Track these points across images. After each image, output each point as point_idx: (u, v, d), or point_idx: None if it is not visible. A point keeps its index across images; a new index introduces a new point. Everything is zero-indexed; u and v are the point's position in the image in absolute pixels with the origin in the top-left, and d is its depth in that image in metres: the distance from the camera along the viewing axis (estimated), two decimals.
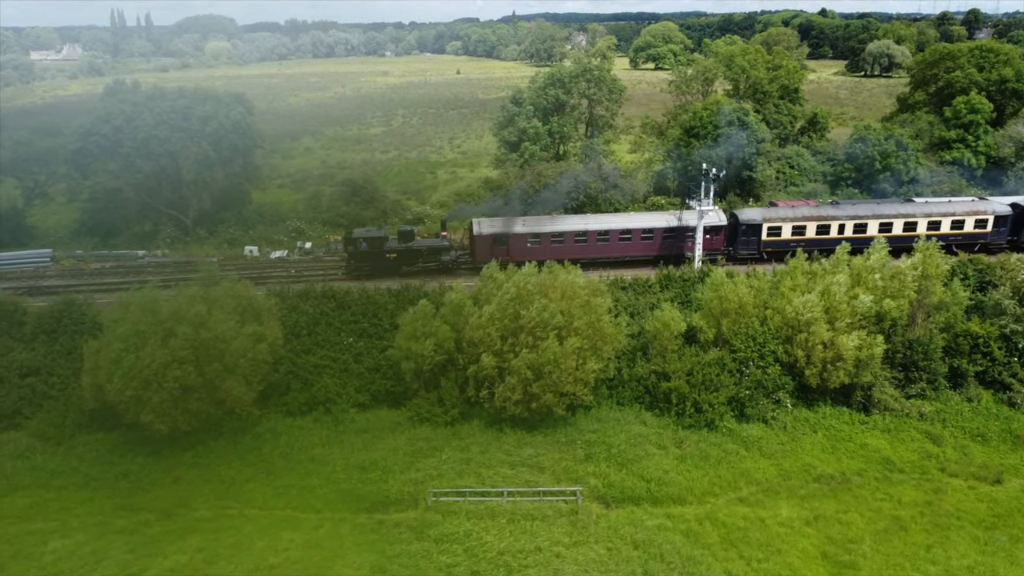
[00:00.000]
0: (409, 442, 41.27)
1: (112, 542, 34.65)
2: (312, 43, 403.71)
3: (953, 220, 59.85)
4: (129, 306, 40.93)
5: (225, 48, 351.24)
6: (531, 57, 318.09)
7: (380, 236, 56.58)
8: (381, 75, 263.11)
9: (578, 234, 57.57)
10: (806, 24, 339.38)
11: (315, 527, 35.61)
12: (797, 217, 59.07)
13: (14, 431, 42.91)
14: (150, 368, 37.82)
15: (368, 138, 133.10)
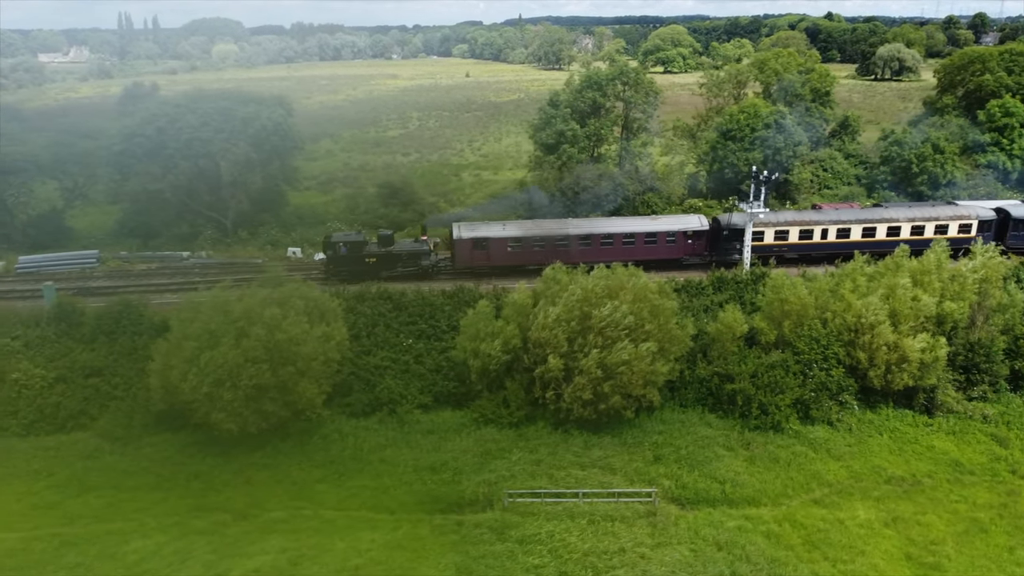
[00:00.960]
0: (477, 443, 41.30)
1: (193, 542, 34.67)
2: (319, 46, 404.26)
3: (937, 225, 59.35)
4: (199, 306, 40.97)
5: (232, 51, 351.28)
6: (539, 60, 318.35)
7: (359, 240, 56.10)
8: (390, 78, 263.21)
9: (559, 239, 56.85)
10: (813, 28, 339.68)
11: (393, 528, 35.63)
12: (780, 222, 58.60)
13: (80, 432, 42.97)
14: (224, 367, 37.87)
15: (387, 141, 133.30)
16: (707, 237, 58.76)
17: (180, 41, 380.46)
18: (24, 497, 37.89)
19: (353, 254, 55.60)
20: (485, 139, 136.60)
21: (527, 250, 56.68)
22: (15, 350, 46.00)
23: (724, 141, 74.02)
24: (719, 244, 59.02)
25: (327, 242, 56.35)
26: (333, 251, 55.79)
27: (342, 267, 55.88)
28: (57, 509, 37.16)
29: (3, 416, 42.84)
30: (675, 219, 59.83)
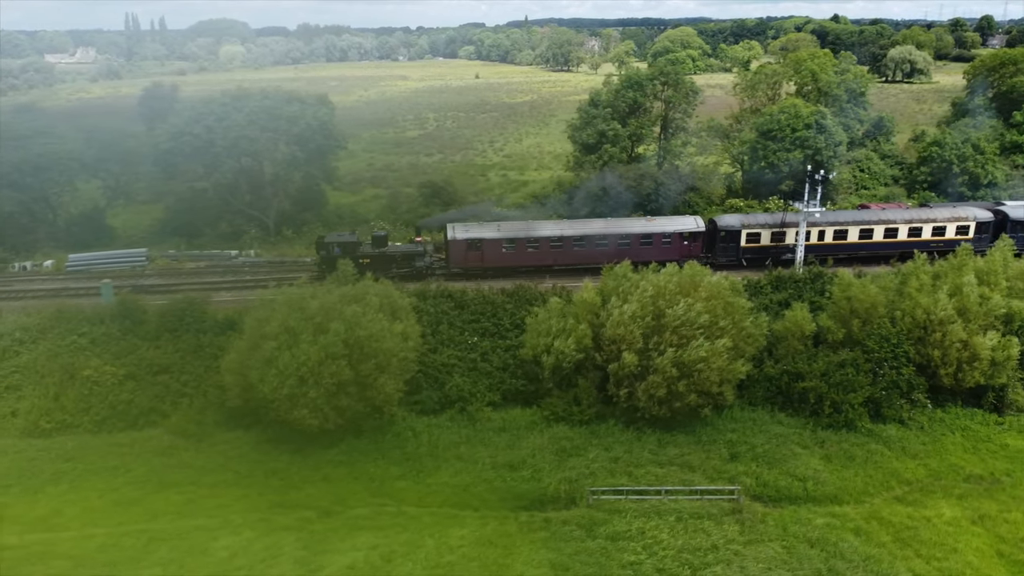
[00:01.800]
0: (551, 441, 41.32)
1: (281, 538, 34.67)
2: (326, 47, 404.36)
3: (935, 227, 58.99)
4: (274, 304, 40.96)
5: (239, 52, 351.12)
6: (546, 62, 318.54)
7: (353, 241, 55.65)
8: (400, 79, 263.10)
9: (554, 240, 56.22)
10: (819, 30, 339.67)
11: (480, 525, 35.64)
12: (776, 224, 58.02)
13: (151, 428, 43.02)
14: (306, 365, 37.86)
15: (407, 141, 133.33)
16: (703, 239, 58.04)
17: (187, 42, 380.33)
18: (105, 493, 37.88)
19: (347, 255, 54.48)
20: (505, 140, 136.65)
21: (521, 251, 56.13)
22: (82, 347, 46.00)
23: (764, 141, 73.98)
24: (715, 246, 58.36)
25: (320, 243, 55.76)
26: (327, 252, 55.06)
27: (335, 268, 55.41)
28: (139, 505, 37.16)
29: (76, 413, 42.84)
30: (671, 220, 58.92)
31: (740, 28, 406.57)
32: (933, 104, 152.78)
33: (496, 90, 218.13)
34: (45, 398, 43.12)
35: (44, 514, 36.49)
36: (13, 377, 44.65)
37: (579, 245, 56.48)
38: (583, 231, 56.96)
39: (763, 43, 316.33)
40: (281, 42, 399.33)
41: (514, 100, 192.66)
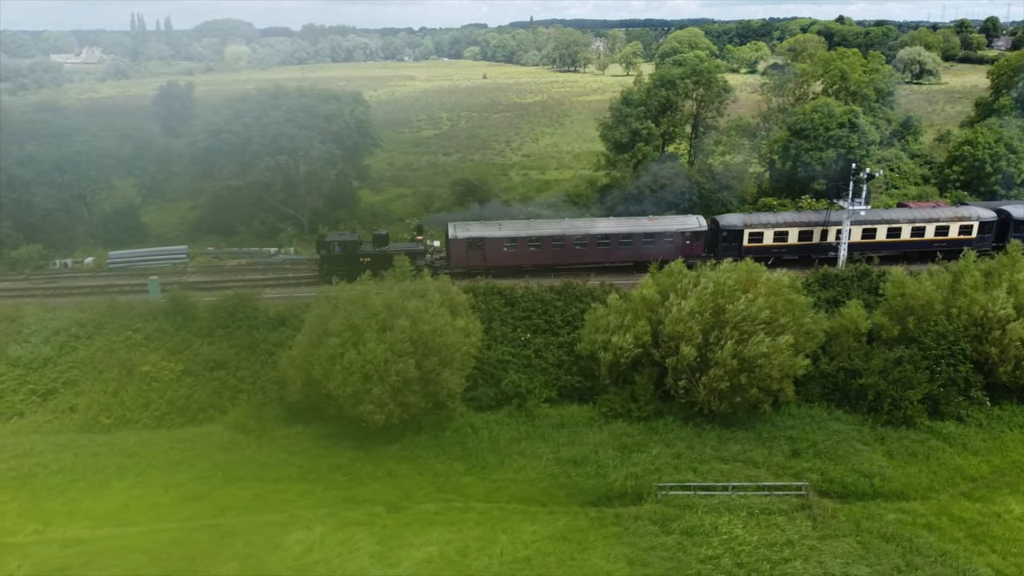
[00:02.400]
0: (612, 437, 41.34)
1: (354, 533, 34.69)
2: (331, 47, 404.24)
3: (938, 226, 58.71)
4: (336, 300, 40.97)
5: (244, 52, 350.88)
6: (553, 63, 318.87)
7: (353, 240, 55.43)
8: (408, 79, 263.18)
9: (555, 239, 55.87)
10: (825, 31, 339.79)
11: (551, 520, 35.64)
12: (779, 223, 57.72)
13: (209, 424, 43.04)
14: (372, 363, 37.88)
15: (424, 141, 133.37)
16: (705, 238, 57.66)
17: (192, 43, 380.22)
18: (170, 488, 37.90)
19: (347, 254, 54.77)
20: (521, 140, 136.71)
21: (523, 251, 55.85)
22: (137, 343, 46.01)
23: (797, 139, 74.01)
24: (717, 245, 57.69)
25: (321, 241, 55.63)
26: (327, 251, 54.96)
27: (336, 267, 54.74)
28: (205, 500, 37.19)
29: (135, 408, 42.88)
30: (673, 220, 58.56)
31: (745, 29, 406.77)
32: (945, 105, 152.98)
33: (505, 90, 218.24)
34: (104, 394, 43.11)
35: (112, 508, 36.53)
36: (71, 372, 44.67)
37: (581, 244, 56.17)
38: (584, 231, 56.62)
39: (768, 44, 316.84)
40: (286, 42, 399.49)
41: (525, 100, 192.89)
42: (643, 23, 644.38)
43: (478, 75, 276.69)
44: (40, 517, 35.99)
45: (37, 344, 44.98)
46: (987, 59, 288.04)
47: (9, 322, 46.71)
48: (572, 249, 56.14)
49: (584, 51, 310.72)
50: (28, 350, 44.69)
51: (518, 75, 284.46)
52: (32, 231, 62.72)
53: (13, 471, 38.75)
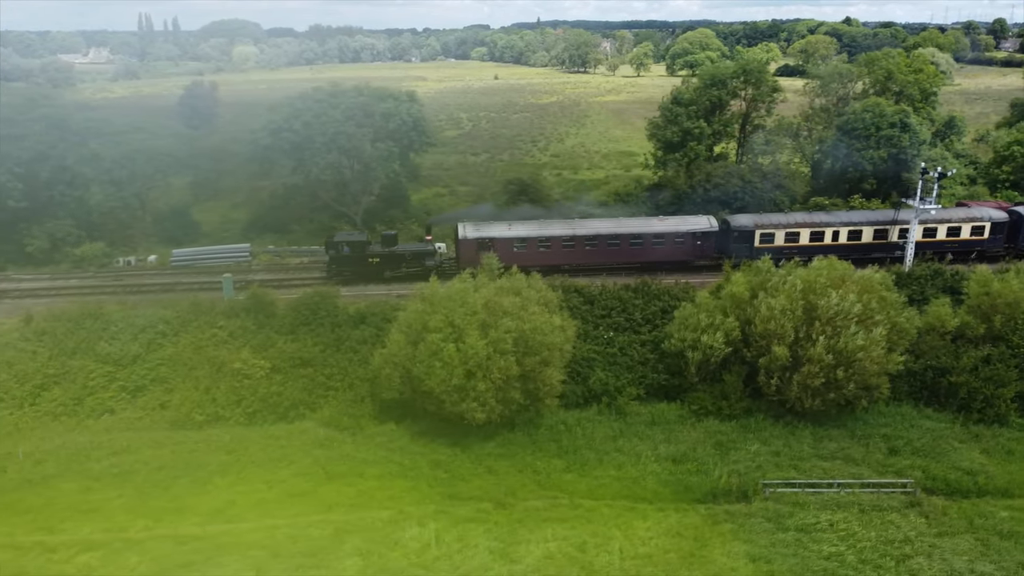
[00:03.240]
0: (707, 435, 41.39)
1: (468, 530, 34.64)
2: (338, 48, 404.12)
3: (949, 227, 58.52)
4: (434, 298, 40.96)
5: (252, 53, 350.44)
6: (562, 63, 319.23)
7: (362, 240, 55.28)
8: (419, 80, 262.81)
9: (565, 239, 55.78)
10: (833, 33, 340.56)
11: (661, 517, 35.65)
12: (790, 224, 57.37)
13: (300, 421, 43.04)
14: (474, 359, 37.89)
15: (449, 141, 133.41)
16: (716, 239, 57.45)
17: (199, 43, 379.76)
18: (273, 485, 37.84)
19: (356, 254, 54.58)
20: (547, 140, 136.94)
21: (533, 251, 55.57)
22: (223, 340, 45.96)
23: (847, 139, 74.14)
24: (728, 245, 57.26)
25: (330, 242, 55.34)
26: (336, 251, 54.66)
27: (345, 267, 54.77)
28: (310, 497, 37.13)
29: (227, 405, 42.88)
30: (683, 220, 58.38)
31: (752, 30, 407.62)
32: (963, 106, 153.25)
33: (519, 91, 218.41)
34: (196, 390, 43.11)
35: (218, 505, 36.45)
36: (160, 370, 44.64)
37: (591, 245, 55.89)
38: (595, 231, 56.35)
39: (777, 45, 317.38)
40: (292, 43, 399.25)
41: (541, 101, 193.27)
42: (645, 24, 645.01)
43: (488, 76, 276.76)
44: (148, 513, 35.90)
45: (125, 341, 44.93)
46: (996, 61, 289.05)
47: (93, 319, 46.61)
48: (582, 249, 55.83)
49: (594, 52, 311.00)
50: (117, 347, 44.65)
51: (528, 76, 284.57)
52: (92, 229, 62.66)
53: (115, 468, 38.71)
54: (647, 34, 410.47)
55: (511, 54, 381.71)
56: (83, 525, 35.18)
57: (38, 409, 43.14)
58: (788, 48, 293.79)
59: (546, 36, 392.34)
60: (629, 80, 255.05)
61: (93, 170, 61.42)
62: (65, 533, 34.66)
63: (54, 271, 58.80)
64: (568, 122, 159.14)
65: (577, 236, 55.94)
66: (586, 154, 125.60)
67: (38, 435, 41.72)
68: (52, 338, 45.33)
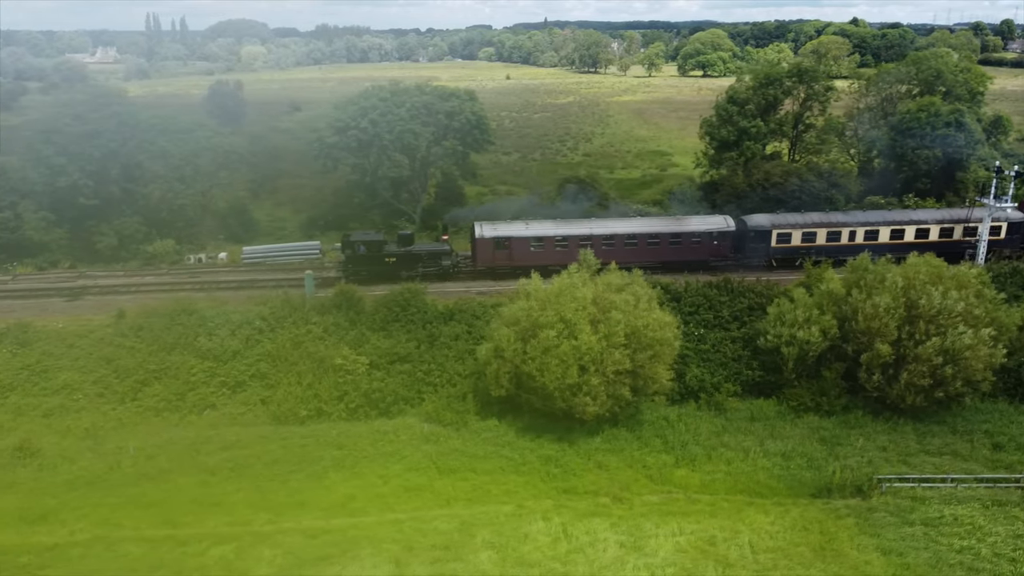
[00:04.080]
0: (810, 431, 41.70)
1: (592, 524, 34.79)
2: (346, 48, 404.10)
3: (966, 227, 58.42)
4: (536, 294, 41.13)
5: (260, 53, 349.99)
6: (572, 64, 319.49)
7: (378, 240, 55.06)
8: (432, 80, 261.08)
9: (582, 238, 55.29)
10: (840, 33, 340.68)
11: (781, 512, 35.82)
12: (807, 224, 57.38)
13: (401, 416, 43.23)
14: (588, 354, 38.11)
15: None
16: (732, 239, 57.44)
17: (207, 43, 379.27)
18: (388, 480, 38.01)
19: (372, 254, 54.30)
20: (574, 139, 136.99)
21: (549, 250, 55.40)
22: (318, 336, 46.09)
23: (901, 139, 74.48)
24: (745, 246, 57.39)
25: (345, 241, 55.10)
26: (352, 251, 54.40)
27: (361, 267, 54.44)
28: (427, 491, 37.31)
29: (330, 401, 43.02)
30: (701, 220, 58.42)
31: (760, 31, 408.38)
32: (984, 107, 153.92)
33: (534, 91, 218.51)
34: (299, 386, 43.25)
35: (338, 499, 36.60)
36: (259, 365, 44.79)
37: (608, 244, 55.57)
38: (612, 230, 56.18)
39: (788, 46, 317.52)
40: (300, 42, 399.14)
41: (558, 101, 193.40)
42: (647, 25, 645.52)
43: (499, 76, 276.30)
44: (268, 507, 36.04)
45: (224, 337, 45.07)
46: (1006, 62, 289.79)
47: (188, 315, 46.73)
48: (600, 249, 54.64)
49: (605, 53, 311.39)
50: (216, 343, 44.79)
51: (540, 76, 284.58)
52: (161, 226, 62.78)
53: (229, 462, 38.86)
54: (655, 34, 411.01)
55: (519, 54, 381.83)
56: (206, 519, 35.32)
57: (140, 404, 43.29)
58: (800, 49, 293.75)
59: (554, 36, 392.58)
60: (642, 80, 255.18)
61: (163, 167, 61.46)
62: (190, 527, 34.80)
63: (125, 268, 58.92)
64: (591, 122, 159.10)
65: (595, 236, 55.61)
66: (616, 153, 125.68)
67: (142, 430, 41.87)
68: (150, 334, 45.47)
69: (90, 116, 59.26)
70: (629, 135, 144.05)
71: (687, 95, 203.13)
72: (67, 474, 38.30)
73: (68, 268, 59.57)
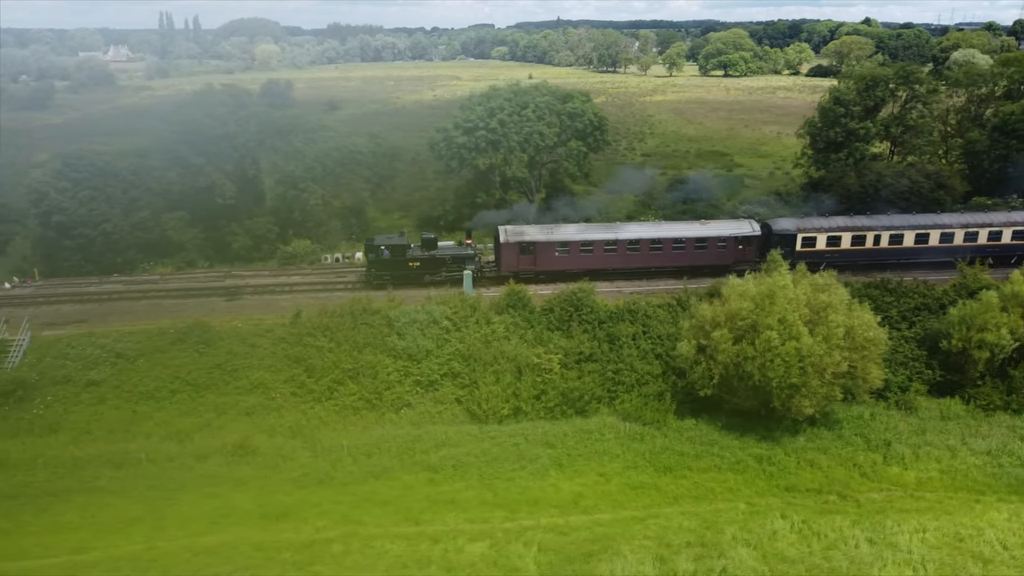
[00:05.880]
0: (1008, 430, 42.28)
1: (832, 521, 35.11)
2: (360, 47, 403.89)
3: (991, 231, 58.04)
4: (746, 294, 41.52)
5: (275, 51, 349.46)
6: (590, 63, 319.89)
7: (402, 244, 54.53)
8: (455, 80, 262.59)
9: (608, 243, 55.26)
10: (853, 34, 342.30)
11: (1014, 508, 36.16)
12: (832, 228, 57.15)
13: (595, 415, 43.59)
14: (810, 356, 38.56)
15: None
16: (758, 243, 57.24)
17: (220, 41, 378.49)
18: (609, 478, 38.50)
19: (396, 258, 53.97)
20: (628, 139, 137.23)
21: (575, 255, 55.00)
22: (501, 335, 46.37)
23: (1004, 139, 75.17)
24: (770, 250, 56.34)
25: (369, 245, 54.72)
26: (375, 255, 53.99)
27: (384, 271, 54.12)
28: (651, 489, 37.78)
29: (528, 399, 43.36)
30: (726, 224, 58.28)
31: (773, 31, 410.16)
32: None
33: None
34: (497, 385, 43.52)
35: (568, 497, 37.01)
36: (451, 364, 45.06)
37: (633, 249, 55.44)
38: (637, 235, 55.88)
39: None
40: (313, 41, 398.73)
41: None
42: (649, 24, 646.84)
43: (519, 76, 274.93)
44: (501, 505, 36.41)
45: (415, 337, 45.31)
46: None
47: (370, 314, 47.00)
48: (624, 253, 55.46)
49: (624, 52, 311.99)
50: (410, 342, 45.04)
51: (560, 75, 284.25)
52: (291, 226, 63.00)
53: (449, 460, 39.19)
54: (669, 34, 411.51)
55: (534, 54, 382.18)
56: (445, 516, 35.65)
57: (337, 403, 43.54)
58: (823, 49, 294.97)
59: (569, 36, 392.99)
60: (665, 80, 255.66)
61: (297, 167, 61.66)
62: (433, 524, 35.10)
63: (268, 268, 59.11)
64: (634, 122, 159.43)
65: (620, 240, 55.32)
66: (676, 154, 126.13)
67: (349, 429, 42.09)
68: (339, 333, 45.69)
69: (230, 118, 59.33)
70: (678, 135, 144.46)
71: (717, 95, 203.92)
72: (290, 472, 38.59)
73: (208, 268, 59.70)
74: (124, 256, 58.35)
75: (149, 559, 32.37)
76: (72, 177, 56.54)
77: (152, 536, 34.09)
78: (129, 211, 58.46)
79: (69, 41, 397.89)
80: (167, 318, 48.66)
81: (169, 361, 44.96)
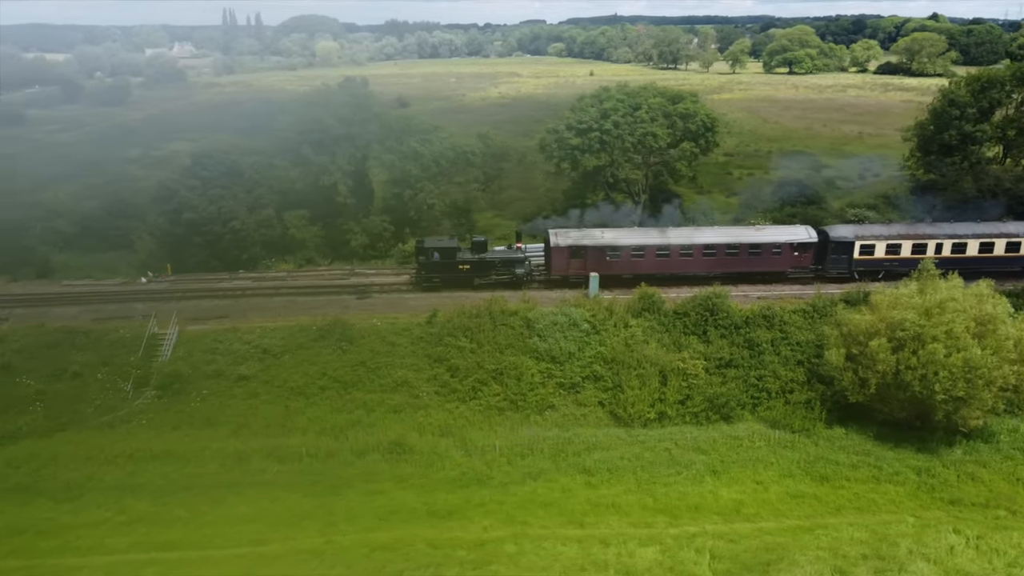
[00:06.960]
0: None
1: (1013, 537, 34.35)
2: (418, 43, 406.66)
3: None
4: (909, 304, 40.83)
5: (335, 48, 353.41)
6: (649, 60, 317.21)
7: (452, 246, 54.32)
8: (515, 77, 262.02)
9: (659, 248, 54.38)
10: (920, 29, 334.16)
11: None
12: (891, 235, 55.55)
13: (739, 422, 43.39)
14: (977, 370, 37.83)
15: None
16: (814, 250, 55.87)
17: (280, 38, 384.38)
18: (766, 486, 38.25)
19: (446, 260, 53.79)
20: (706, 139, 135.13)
21: (626, 259, 54.21)
22: (640, 339, 46.35)
23: None
24: (826, 257, 55.90)
25: (419, 247, 54.62)
26: (426, 257, 53.83)
27: (434, 273, 54.05)
28: (811, 498, 37.40)
29: (673, 404, 43.31)
30: (781, 230, 57.25)
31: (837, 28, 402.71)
32: None
33: None
34: (642, 388, 43.53)
35: (728, 504, 36.85)
36: (593, 367, 45.20)
37: (685, 254, 54.60)
38: (690, 240, 55.01)
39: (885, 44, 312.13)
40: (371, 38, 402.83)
41: None
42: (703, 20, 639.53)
43: (579, 72, 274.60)
44: (662, 509, 36.40)
45: (557, 339, 45.55)
46: None
47: (508, 315, 47.36)
48: (677, 259, 54.54)
49: (686, 49, 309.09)
50: (552, 344, 45.31)
51: (621, 73, 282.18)
52: (406, 225, 63.75)
53: (603, 464, 39.30)
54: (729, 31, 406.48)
55: (591, 50, 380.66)
56: (608, 519, 35.83)
57: (481, 403, 43.96)
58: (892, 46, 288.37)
59: (627, 32, 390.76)
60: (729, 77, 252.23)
61: (415, 167, 62.33)
62: (598, 527, 35.30)
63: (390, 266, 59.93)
64: None
65: (672, 245, 54.57)
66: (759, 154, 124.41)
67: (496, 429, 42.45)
68: (481, 334, 46.10)
69: (354, 118, 60.23)
70: (756, 134, 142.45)
71: (786, 93, 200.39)
72: (447, 471, 39.08)
73: (329, 265, 60.75)
74: (249, 253, 59.65)
75: (330, 553, 33.12)
76: (202, 176, 57.99)
77: (325, 531, 34.87)
78: (253, 208, 59.75)
79: (135, 38, 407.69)
80: (304, 315, 49.62)
81: (314, 358, 45.86)
